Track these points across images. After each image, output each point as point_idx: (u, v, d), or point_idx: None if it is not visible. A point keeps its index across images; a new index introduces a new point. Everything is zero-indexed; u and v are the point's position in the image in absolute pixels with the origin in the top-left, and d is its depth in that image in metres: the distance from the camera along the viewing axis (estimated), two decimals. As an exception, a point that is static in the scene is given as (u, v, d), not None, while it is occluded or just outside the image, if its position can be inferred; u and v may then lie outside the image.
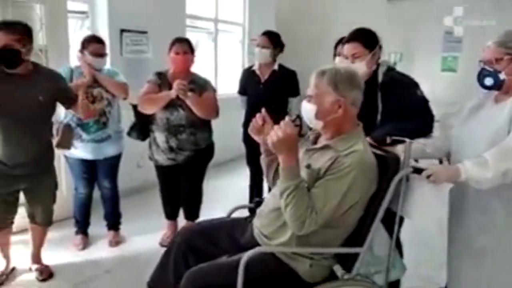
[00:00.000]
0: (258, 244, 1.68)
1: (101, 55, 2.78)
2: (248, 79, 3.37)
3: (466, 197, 1.80)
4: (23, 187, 2.39)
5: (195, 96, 2.62)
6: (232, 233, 1.83)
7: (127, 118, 2.96)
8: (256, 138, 1.80)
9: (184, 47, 2.73)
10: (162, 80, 2.73)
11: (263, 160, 1.89)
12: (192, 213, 3.06)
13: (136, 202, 3.68)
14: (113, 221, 3.12)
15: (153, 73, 2.82)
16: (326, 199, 1.52)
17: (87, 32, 3.60)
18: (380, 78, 2.12)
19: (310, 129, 1.84)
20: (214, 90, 2.87)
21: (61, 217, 3.15)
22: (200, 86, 2.74)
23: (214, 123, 2.95)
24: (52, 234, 2.81)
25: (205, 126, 2.87)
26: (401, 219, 1.85)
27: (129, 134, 2.93)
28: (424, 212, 1.68)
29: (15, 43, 2.13)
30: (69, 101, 2.48)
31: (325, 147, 1.64)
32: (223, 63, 5.46)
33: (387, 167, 1.64)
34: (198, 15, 5.03)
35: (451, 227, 1.86)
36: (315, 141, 1.77)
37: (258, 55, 3.26)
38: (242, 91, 3.44)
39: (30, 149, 2.31)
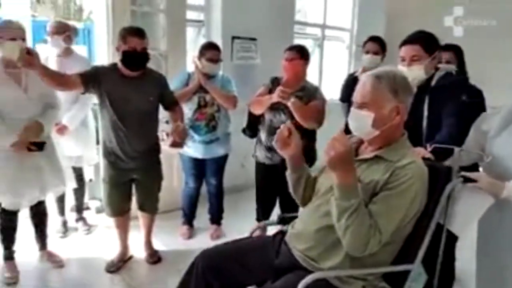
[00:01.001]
0: (300, 267, 1.55)
1: (216, 61, 2.98)
2: (352, 86, 3.30)
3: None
4: (134, 177, 2.69)
5: (298, 103, 2.62)
6: (263, 254, 1.67)
7: (239, 120, 3.10)
8: (281, 151, 1.69)
9: (294, 54, 2.73)
10: (274, 85, 2.80)
11: (289, 176, 1.75)
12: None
13: (238, 199, 3.84)
14: (216, 216, 3.32)
15: (270, 77, 2.92)
16: (389, 216, 1.40)
17: (202, 40, 3.90)
18: (433, 82, 2.00)
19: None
20: (324, 100, 2.80)
21: (171, 208, 3.46)
22: (308, 94, 2.73)
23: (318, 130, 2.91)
24: (162, 222, 3.11)
25: (306, 132, 2.89)
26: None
27: (243, 131, 3.06)
28: (462, 222, 1.61)
29: (146, 47, 2.47)
30: (169, 104, 2.73)
31: (376, 158, 1.52)
32: (328, 70, 5.44)
33: (438, 177, 1.54)
34: (306, 21, 5.10)
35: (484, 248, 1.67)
36: (356, 152, 1.62)
37: (368, 61, 3.20)
38: (344, 98, 3.38)
39: (140, 144, 2.60)
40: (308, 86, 2.78)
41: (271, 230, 1.96)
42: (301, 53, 2.75)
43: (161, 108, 2.73)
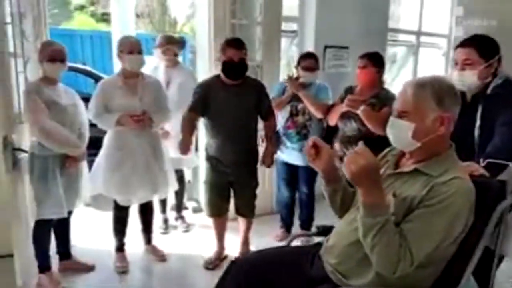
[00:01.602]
0: (330, 281, 1.48)
1: (312, 69, 3.04)
2: None
3: None
4: (232, 180, 2.82)
5: (368, 111, 2.59)
6: (298, 265, 1.61)
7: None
8: (312, 165, 1.59)
9: (366, 61, 2.72)
10: (347, 94, 2.80)
11: (324, 189, 1.66)
12: None
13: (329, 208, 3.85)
14: (306, 224, 3.37)
15: (344, 87, 2.93)
16: (424, 236, 1.26)
17: (295, 49, 4.00)
18: (489, 91, 1.81)
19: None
20: None
21: (264, 212, 3.59)
22: (382, 101, 2.67)
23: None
24: (260, 226, 3.24)
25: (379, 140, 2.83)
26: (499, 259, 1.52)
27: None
28: None
29: (244, 57, 2.59)
30: (265, 114, 2.83)
31: (415, 172, 1.39)
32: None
33: (488, 193, 1.36)
34: (399, 27, 4.97)
35: None
36: (396, 164, 1.51)
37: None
38: None
39: (239, 150, 2.73)
40: (383, 93, 2.73)
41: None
42: (374, 60, 2.73)
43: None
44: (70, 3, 15.92)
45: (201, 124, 2.98)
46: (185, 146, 2.75)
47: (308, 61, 3.05)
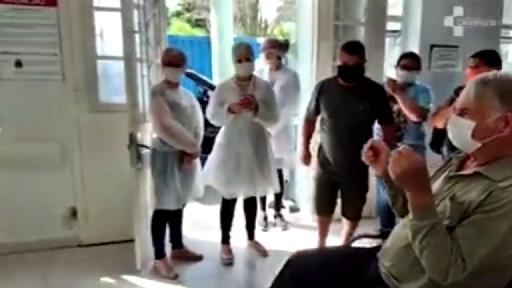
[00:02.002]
0: (385, 284, 1.44)
1: (411, 68, 2.95)
2: None
3: None
4: (341, 182, 2.82)
5: None
6: (355, 264, 1.59)
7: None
8: (374, 169, 1.53)
9: (479, 60, 2.58)
10: (456, 95, 2.64)
11: (387, 194, 1.58)
12: None
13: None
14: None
15: (454, 87, 2.78)
16: (478, 242, 1.17)
17: (397, 49, 3.87)
18: None
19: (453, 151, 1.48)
20: None
21: (369, 216, 3.57)
22: None
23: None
24: (359, 229, 3.16)
25: None
26: None
27: (430, 146, 2.99)
28: None
29: (360, 60, 2.60)
30: (382, 119, 2.77)
31: (476, 175, 1.28)
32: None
33: None
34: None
35: None
36: (460, 166, 1.41)
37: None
38: None
39: (351, 152, 2.70)
40: None
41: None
42: (487, 59, 2.56)
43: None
44: (168, 9, 17.11)
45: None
46: (305, 159, 2.94)
47: (408, 60, 2.95)
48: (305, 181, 3.73)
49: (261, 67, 3.42)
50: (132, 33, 2.49)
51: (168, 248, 3.03)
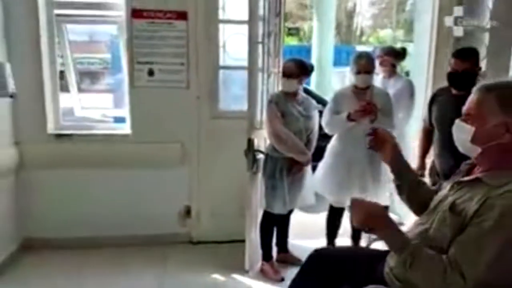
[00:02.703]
0: (386, 284, 1.43)
1: None
2: None
3: None
4: None
5: None
6: (370, 264, 1.57)
7: None
8: (380, 158, 1.67)
9: None
10: None
11: (394, 183, 1.67)
12: None
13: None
14: None
15: None
16: (473, 256, 1.18)
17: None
18: None
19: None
20: None
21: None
22: None
23: None
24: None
25: None
26: None
27: None
28: None
29: (471, 67, 2.50)
30: None
31: (476, 181, 1.31)
32: None
33: None
34: None
35: None
36: (467, 174, 1.42)
37: None
38: None
39: (453, 161, 2.56)
40: None
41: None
42: None
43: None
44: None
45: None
46: (418, 170, 2.87)
47: None
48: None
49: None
50: (256, 44, 2.61)
51: (273, 251, 3.10)
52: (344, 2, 15.92)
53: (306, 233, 3.60)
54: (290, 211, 3.03)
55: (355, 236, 3.18)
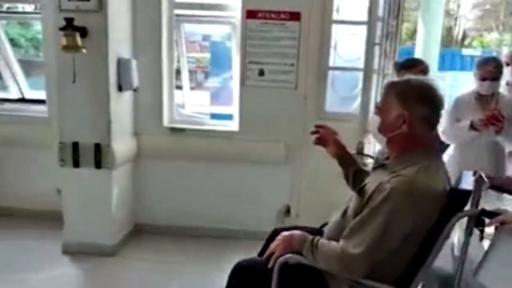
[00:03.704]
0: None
1: None
2: None
3: None
4: None
5: None
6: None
7: None
8: (328, 153, 1.83)
9: None
10: None
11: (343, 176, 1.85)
12: None
13: None
14: None
15: None
16: (364, 235, 1.37)
17: None
18: None
19: None
20: None
21: None
22: None
23: None
24: None
25: None
26: None
27: None
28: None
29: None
30: None
31: (383, 167, 1.52)
32: None
33: (455, 203, 1.37)
34: None
35: None
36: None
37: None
38: None
39: None
40: None
41: None
42: None
43: None
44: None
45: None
46: None
47: None
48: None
49: (508, 79, 3.11)
50: (374, 46, 2.54)
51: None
52: (445, 4, 14.96)
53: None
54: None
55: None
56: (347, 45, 3.10)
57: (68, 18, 2.59)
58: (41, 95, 3.63)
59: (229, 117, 3.48)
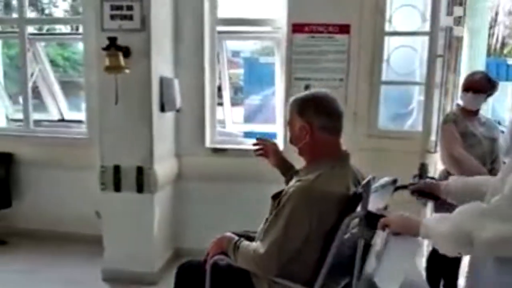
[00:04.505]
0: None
1: None
2: None
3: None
4: None
5: None
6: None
7: None
8: (269, 163, 1.97)
9: None
10: None
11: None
12: None
13: None
14: None
15: None
16: (269, 236, 1.50)
17: None
18: None
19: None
20: None
21: None
22: None
23: None
24: None
25: None
26: None
27: None
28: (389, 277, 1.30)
29: None
30: None
31: (296, 174, 1.68)
32: None
33: (349, 205, 1.45)
34: None
35: None
36: None
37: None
38: None
39: None
40: None
41: None
42: None
43: None
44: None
45: None
46: None
47: None
48: None
49: None
50: (436, 58, 2.32)
51: None
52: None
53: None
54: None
55: None
56: (400, 58, 2.90)
57: (111, 37, 2.51)
58: (78, 115, 3.59)
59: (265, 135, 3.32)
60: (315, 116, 1.57)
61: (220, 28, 3.17)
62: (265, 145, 1.96)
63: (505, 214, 1.08)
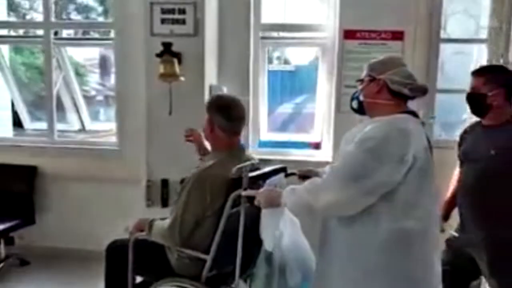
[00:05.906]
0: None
1: None
2: None
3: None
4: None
5: None
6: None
7: None
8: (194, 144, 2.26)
9: None
10: None
11: None
12: None
13: None
14: None
15: None
16: (174, 213, 1.80)
17: None
18: None
19: None
20: None
21: None
22: None
23: None
24: None
25: None
26: None
27: None
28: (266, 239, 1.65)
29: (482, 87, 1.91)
30: None
31: (204, 157, 2.11)
32: None
33: (235, 186, 1.67)
34: None
35: None
36: None
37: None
38: None
39: (480, 214, 1.90)
40: None
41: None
42: None
43: None
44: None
45: None
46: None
47: None
48: None
49: None
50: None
51: None
52: None
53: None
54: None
55: None
56: (455, 65, 2.82)
57: (166, 42, 2.36)
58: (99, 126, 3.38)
59: (302, 145, 3.26)
60: (216, 115, 1.88)
61: (263, 33, 3.04)
62: (193, 134, 2.25)
63: (331, 185, 1.37)
